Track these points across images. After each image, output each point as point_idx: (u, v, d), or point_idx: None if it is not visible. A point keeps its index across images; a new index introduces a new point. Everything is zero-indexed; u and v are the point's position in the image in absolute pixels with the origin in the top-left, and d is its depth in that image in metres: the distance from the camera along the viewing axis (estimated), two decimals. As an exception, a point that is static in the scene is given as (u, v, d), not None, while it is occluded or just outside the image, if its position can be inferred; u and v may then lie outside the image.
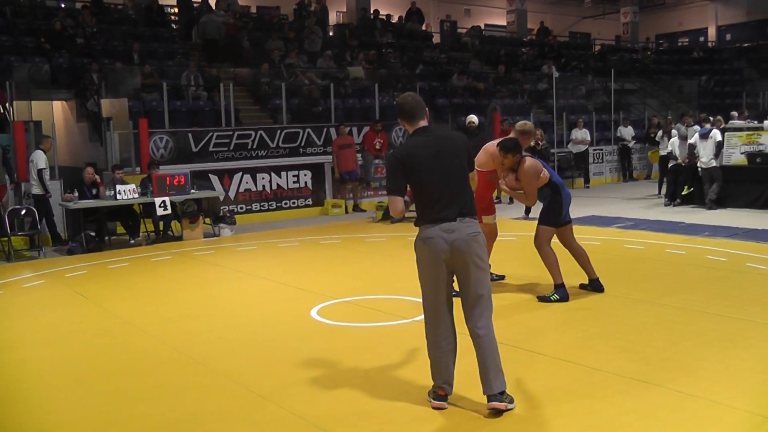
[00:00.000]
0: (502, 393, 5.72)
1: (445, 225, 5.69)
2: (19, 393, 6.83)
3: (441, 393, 5.89)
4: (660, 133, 21.25)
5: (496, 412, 5.69)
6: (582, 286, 9.67)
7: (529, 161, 9.28)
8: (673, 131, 19.71)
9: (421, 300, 6.03)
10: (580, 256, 9.63)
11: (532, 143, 16.06)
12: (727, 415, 5.56)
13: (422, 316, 6.05)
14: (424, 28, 33.73)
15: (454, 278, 5.94)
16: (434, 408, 5.87)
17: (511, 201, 17.98)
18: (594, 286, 9.61)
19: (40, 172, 14.89)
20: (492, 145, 9.49)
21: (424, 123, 5.97)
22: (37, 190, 15.00)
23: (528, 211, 16.18)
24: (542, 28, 38.23)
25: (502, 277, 10.41)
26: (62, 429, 5.90)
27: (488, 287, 5.91)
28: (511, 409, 5.74)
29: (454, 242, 5.69)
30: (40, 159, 14.96)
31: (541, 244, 9.32)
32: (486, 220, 9.58)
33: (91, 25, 22.27)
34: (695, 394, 5.92)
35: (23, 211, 14.48)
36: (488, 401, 5.71)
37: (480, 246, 5.80)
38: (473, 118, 16.44)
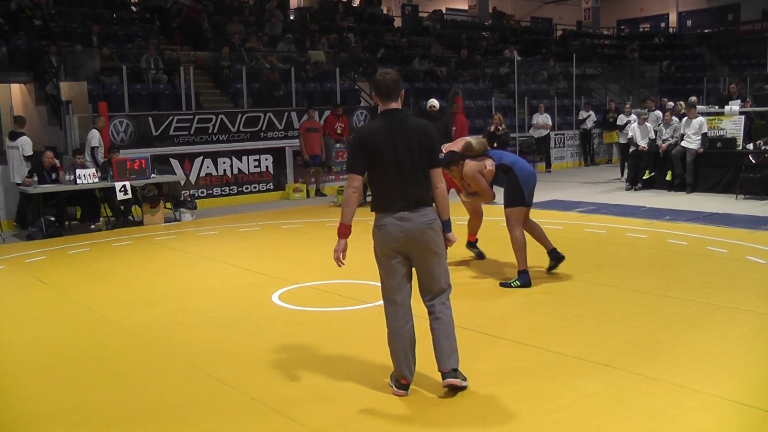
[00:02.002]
0: (456, 370, 5.79)
1: (399, 214, 5.70)
2: (-24, 380, 6.74)
3: (403, 382, 5.88)
4: (621, 116, 21.39)
5: (452, 389, 5.78)
6: (549, 271, 9.71)
7: (467, 164, 9.47)
8: (632, 116, 19.87)
9: (374, 283, 6.08)
10: (534, 230, 9.65)
11: (492, 128, 16.10)
12: (688, 398, 5.59)
13: (382, 301, 6.03)
14: (385, 11, 33.68)
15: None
16: (396, 395, 5.87)
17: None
18: (553, 256, 9.67)
19: (93, 150, 15.79)
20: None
21: (396, 105, 5.92)
22: (90, 166, 15.50)
23: None
24: (496, 12, 38.35)
25: (482, 256, 10.70)
26: (22, 416, 5.82)
27: (445, 271, 5.94)
28: (465, 386, 5.83)
29: (409, 231, 5.70)
30: (93, 137, 15.92)
31: (511, 226, 9.27)
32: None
33: (49, 6, 21.97)
34: (657, 377, 5.96)
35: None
36: (444, 378, 5.79)
37: (435, 233, 5.81)
38: (434, 102, 16.39)
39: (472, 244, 10.89)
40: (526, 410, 5.49)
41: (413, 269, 5.92)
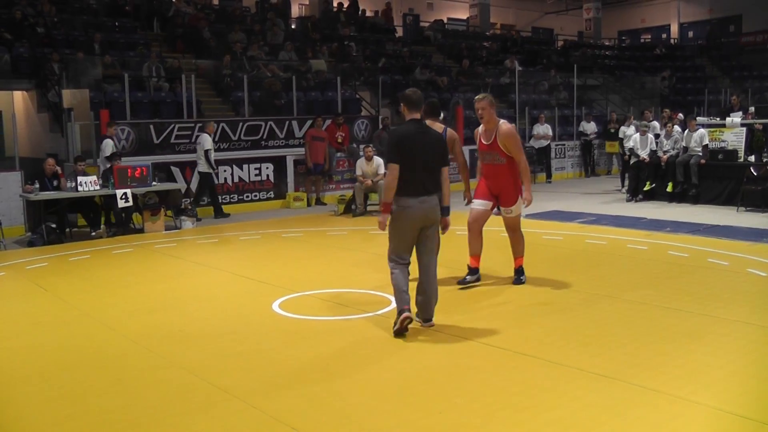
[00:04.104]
0: (431, 319, 7.93)
1: (421, 198, 7.60)
2: (-24, 387, 6.73)
3: (405, 307, 7.55)
4: (622, 128, 21.41)
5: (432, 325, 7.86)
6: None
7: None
8: (632, 127, 19.88)
9: (374, 292, 7.51)
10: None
11: None
12: (688, 410, 5.59)
13: (383, 310, 8.24)
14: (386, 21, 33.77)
15: None
16: (399, 330, 7.52)
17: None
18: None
19: (206, 152, 17.10)
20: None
21: (418, 116, 7.89)
22: (203, 168, 17.27)
23: None
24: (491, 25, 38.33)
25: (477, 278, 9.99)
26: (21, 422, 5.81)
27: (438, 238, 8.24)
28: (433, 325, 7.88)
29: (427, 210, 7.65)
30: (206, 141, 17.15)
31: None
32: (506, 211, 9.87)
33: (51, 14, 22.02)
34: (657, 389, 5.95)
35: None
36: (425, 322, 7.92)
37: (438, 212, 7.85)
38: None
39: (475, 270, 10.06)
40: (525, 421, 5.49)
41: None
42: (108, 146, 16.02)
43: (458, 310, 8.56)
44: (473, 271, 9.80)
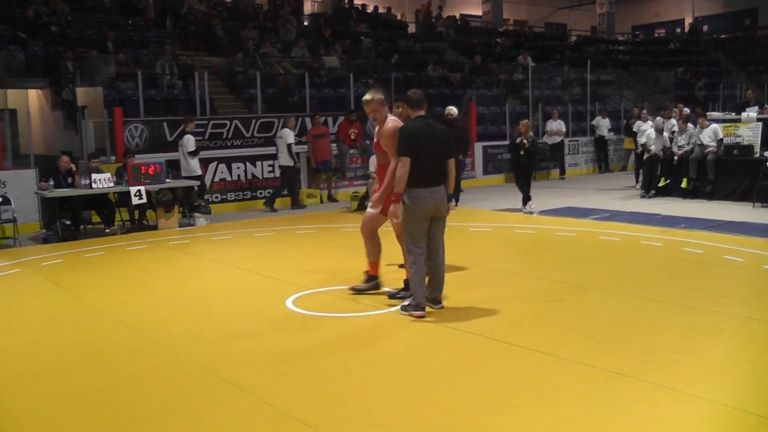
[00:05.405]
0: (442, 302, 8.49)
1: (431, 188, 8.10)
2: (-8, 383, 6.76)
3: (422, 305, 8.19)
4: (637, 122, 21.30)
5: (442, 307, 8.38)
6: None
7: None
8: (648, 122, 19.78)
9: (388, 288, 7.15)
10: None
11: (517, 140, 16.01)
12: (703, 408, 5.57)
13: (397, 307, 8.50)
14: (398, 17, 33.71)
15: None
16: (416, 317, 8.09)
17: None
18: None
19: (289, 146, 18.00)
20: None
21: (422, 113, 8.35)
22: (285, 161, 18.14)
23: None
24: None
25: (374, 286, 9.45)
26: (35, 417, 5.85)
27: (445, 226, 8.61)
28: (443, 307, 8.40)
29: (437, 199, 8.16)
30: (288, 135, 18.09)
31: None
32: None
33: (65, 13, 22.09)
34: (671, 387, 5.93)
35: (-1, 200, 14.40)
36: (435, 304, 8.40)
37: (446, 202, 8.37)
38: (452, 110, 16.44)
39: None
40: (538, 418, 5.48)
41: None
42: (190, 141, 16.56)
43: (471, 308, 8.55)
44: (370, 278, 9.36)
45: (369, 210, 9.16)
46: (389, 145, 8.51)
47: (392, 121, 8.71)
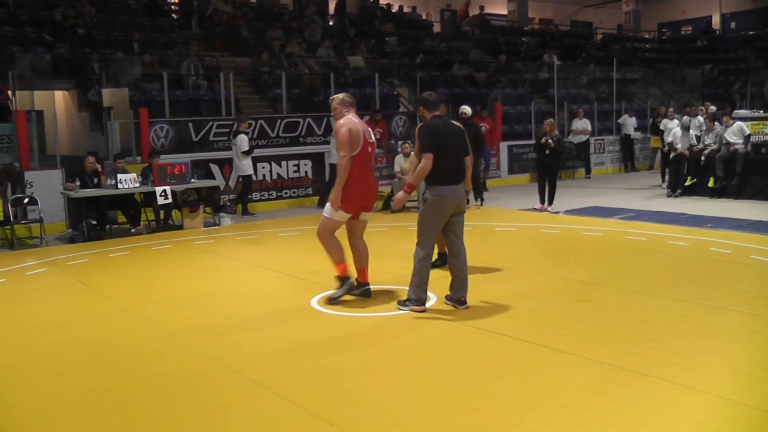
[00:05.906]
0: (467, 302, 8.48)
1: (452, 186, 8.28)
2: (20, 379, 6.80)
3: (423, 310, 8.39)
4: (664, 121, 21.14)
5: (465, 308, 8.39)
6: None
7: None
8: (675, 121, 19.64)
9: None
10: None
11: (543, 140, 15.94)
12: (730, 410, 5.52)
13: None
14: (424, 17, 33.66)
15: None
16: (418, 311, 8.32)
17: None
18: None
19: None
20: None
21: (438, 113, 8.52)
22: (334, 160, 16.75)
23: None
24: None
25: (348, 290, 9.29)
26: (62, 414, 5.89)
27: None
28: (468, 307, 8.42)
29: (457, 196, 8.37)
30: (243, 141, 17.34)
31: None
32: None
33: (91, 15, 22.22)
34: (698, 388, 5.88)
35: (26, 200, 14.46)
36: (460, 305, 8.44)
37: (465, 200, 8.67)
38: (466, 109, 16.41)
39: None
40: (563, 419, 5.44)
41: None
42: (243, 141, 16.99)
43: (496, 307, 8.52)
44: (343, 280, 9.21)
45: (324, 213, 9.10)
46: (337, 141, 8.86)
47: (344, 119, 8.81)
